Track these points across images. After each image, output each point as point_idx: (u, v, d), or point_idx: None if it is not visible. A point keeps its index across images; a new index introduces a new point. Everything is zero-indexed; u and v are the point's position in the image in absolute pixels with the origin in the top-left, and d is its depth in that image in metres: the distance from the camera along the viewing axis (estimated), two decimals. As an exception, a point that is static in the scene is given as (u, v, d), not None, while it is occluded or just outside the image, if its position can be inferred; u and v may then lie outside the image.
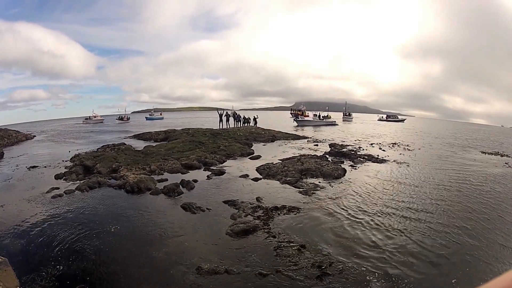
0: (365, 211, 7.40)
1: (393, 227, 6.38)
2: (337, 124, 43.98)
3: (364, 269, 4.76)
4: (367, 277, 4.55)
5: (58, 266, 4.79)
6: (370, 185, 9.87)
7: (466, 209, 7.65)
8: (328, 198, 8.45)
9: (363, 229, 6.32)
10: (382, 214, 7.14)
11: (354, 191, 9.10)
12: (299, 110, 45.65)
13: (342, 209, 7.54)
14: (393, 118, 69.87)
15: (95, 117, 60.67)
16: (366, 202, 8.13)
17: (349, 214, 7.20)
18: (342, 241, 5.79)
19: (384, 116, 74.09)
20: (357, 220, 6.82)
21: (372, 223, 6.62)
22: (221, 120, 27.54)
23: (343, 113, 65.28)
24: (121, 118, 59.04)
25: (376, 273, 4.64)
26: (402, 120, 71.19)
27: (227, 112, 30.54)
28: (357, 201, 8.21)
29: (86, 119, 60.41)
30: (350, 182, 10.28)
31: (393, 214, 7.19)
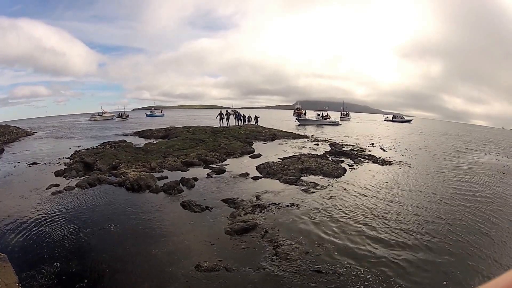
0: (364, 211, 7.40)
1: (390, 229, 6.37)
2: (340, 124, 43.73)
3: (359, 269, 4.76)
4: (361, 277, 4.55)
5: (57, 264, 4.78)
6: (370, 185, 9.85)
7: (462, 213, 7.62)
8: (328, 197, 8.44)
9: (361, 229, 6.32)
10: (380, 215, 7.13)
11: (353, 191, 9.09)
12: (299, 109, 45.52)
13: (342, 209, 7.53)
14: (399, 119, 69.65)
15: (104, 113, 56.98)
16: (365, 202, 8.12)
17: (348, 214, 7.19)
18: (340, 240, 5.78)
19: (390, 116, 73.87)
20: (356, 220, 6.81)
21: (370, 223, 6.61)
22: (221, 118, 27.58)
23: (341, 113, 64.98)
24: (120, 116, 56.99)
25: (370, 274, 4.64)
26: (409, 121, 70.68)
27: (227, 111, 30.60)
28: (356, 201, 8.20)
29: (94, 115, 56.48)
30: (350, 182, 10.27)
31: (391, 215, 7.18)
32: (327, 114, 46.19)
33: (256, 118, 31.16)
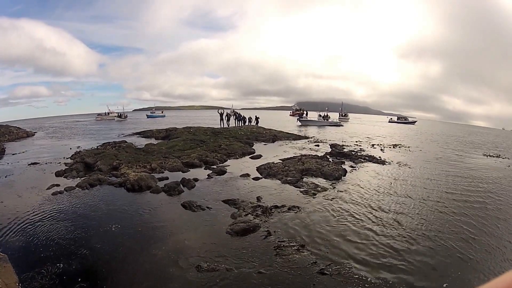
0: (364, 213, 7.38)
1: (391, 231, 6.36)
2: (342, 125, 43.67)
3: (361, 271, 4.75)
4: (362, 280, 4.53)
5: (58, 264, 4.77)
6: (370, 186, 9.83)
7: (463, 215, 7.60)
8: (329, 198, 8.43)
9: (362, 230, 6.30)
10: (380, 217, 7.11)
11: (354, 192, 9.07)
12: (299, 110, 45.72)
13: (342, 210, 7.51)
14: (403, 120, 69.78)
15: (110, 113, 56.66)
16: (366, 203, 8.10)
17: (349, 215, 7.17)
18: (341, 242, 5.77)
19: (395, 118, 74.12)
20: (357, 221, 6.79)
21: (371, 226, 6.59)
22: (222, 119, 27.61)
23: (339, 113, 64.85)
24: (120, 116, 57.15)
25: (372, 276, 4.62)
26: (413, 122, 70.48)
27: (227, 112, 30.61)
28: (357, 202, 8.18)
29: (100, 115, 56.32)
30: (351, 183, 10.25)
31: (392, 217, 7.15)
32: (327, 115, 46.22)
33: (256, 119, 31.14)
